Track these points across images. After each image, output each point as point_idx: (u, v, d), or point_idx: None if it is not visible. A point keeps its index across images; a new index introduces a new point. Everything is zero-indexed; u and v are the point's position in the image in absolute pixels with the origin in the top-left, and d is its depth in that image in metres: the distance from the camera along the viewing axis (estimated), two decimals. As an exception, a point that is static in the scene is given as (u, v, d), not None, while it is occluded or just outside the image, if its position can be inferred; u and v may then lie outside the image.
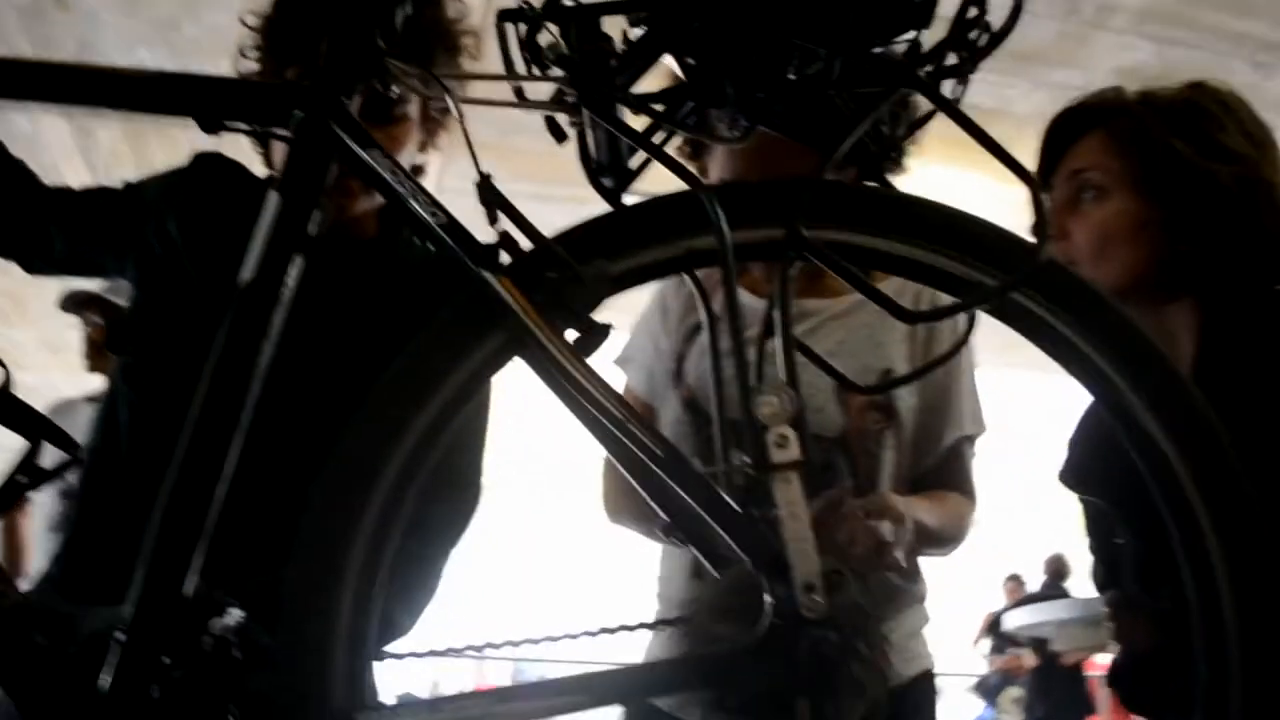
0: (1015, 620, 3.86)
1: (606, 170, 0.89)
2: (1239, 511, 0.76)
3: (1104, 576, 1.31)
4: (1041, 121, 1.32)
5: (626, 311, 1.56)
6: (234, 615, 0.78)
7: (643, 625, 0.81)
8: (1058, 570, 7.84)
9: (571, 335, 0.78)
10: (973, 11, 0.82)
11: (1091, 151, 1.24)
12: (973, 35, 0.83)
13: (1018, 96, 3.81)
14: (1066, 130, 1.27)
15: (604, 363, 1.60)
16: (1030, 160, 1.12)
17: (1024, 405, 6.03)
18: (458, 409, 0.82)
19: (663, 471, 0.72)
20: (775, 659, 0.67)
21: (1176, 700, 1.12)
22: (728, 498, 0.71)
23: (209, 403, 0.78)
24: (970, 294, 0.79)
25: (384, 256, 1.34)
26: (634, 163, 0.90)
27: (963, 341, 0.92)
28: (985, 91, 3.89)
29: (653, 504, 0.84)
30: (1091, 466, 1.28)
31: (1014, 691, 7.98)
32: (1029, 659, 7.35)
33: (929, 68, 0.81)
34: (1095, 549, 1.33)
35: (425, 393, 0.80)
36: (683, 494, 0.71)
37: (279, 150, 0.87)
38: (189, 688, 0.75)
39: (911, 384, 1.42)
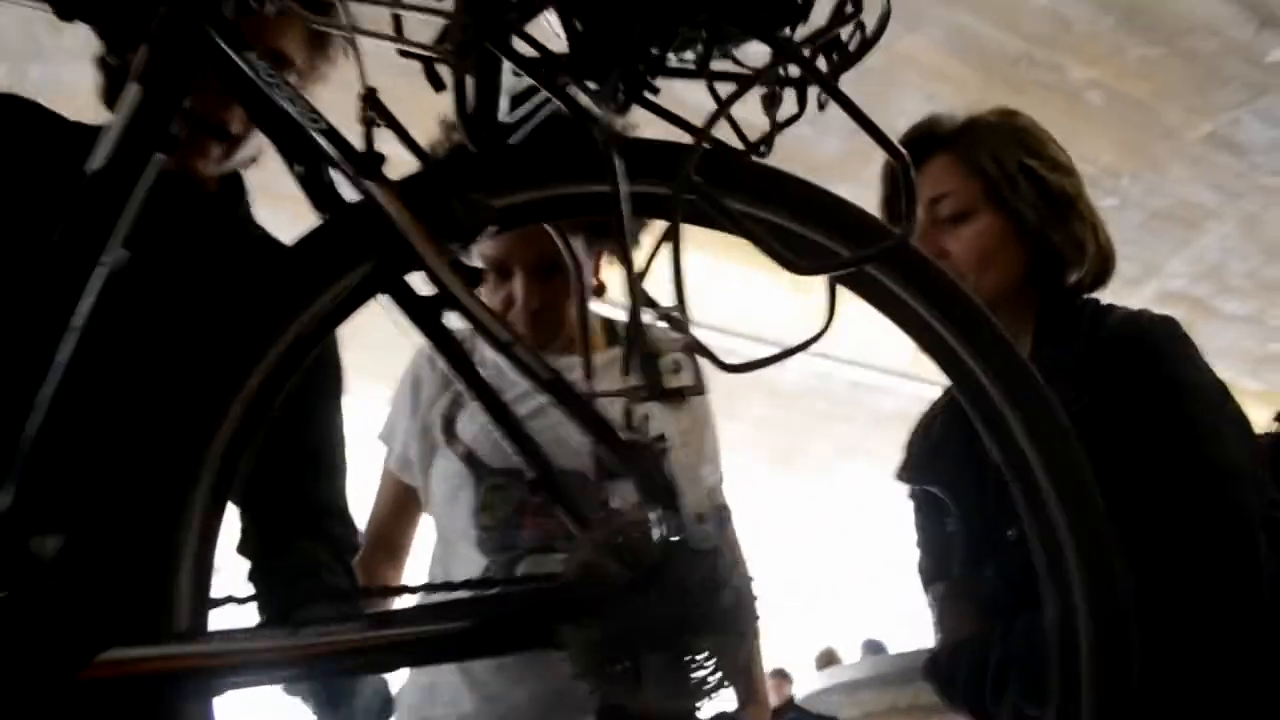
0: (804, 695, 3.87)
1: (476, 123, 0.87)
2: (1081, 490, 0.81)
3: (931, 569, 1.36)
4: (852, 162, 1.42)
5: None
6: (50, 541, 0.68)
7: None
8: (829, 662, 8.04)
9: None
10: (849, 8, 0.88)
11: (943, 176, 1.32)
12: (845, 36, 0.89)
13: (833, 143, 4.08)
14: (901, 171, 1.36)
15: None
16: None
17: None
18: (313, 346, 0.76)
19: (552, 395, 0.69)
20: (667, 587, 0.65)
21: (989, 686, 1.21)
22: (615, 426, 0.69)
23: (44, 287, 0.70)
24: (828, 262, 0.81)
25: (221, 218, 1.25)
26: (510, 117, 0.89)
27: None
28: (805, 131, 4.14)
29: (523, 457, 0.80)
30: (927, 459, 1.36)
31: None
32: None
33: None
34: (924, 542, 1.38)
35: (284, 320, 0.75)
36: (574, 419, 0.69)
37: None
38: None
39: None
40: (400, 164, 0.83)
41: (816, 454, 5.41)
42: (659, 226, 0.80)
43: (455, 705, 1.42)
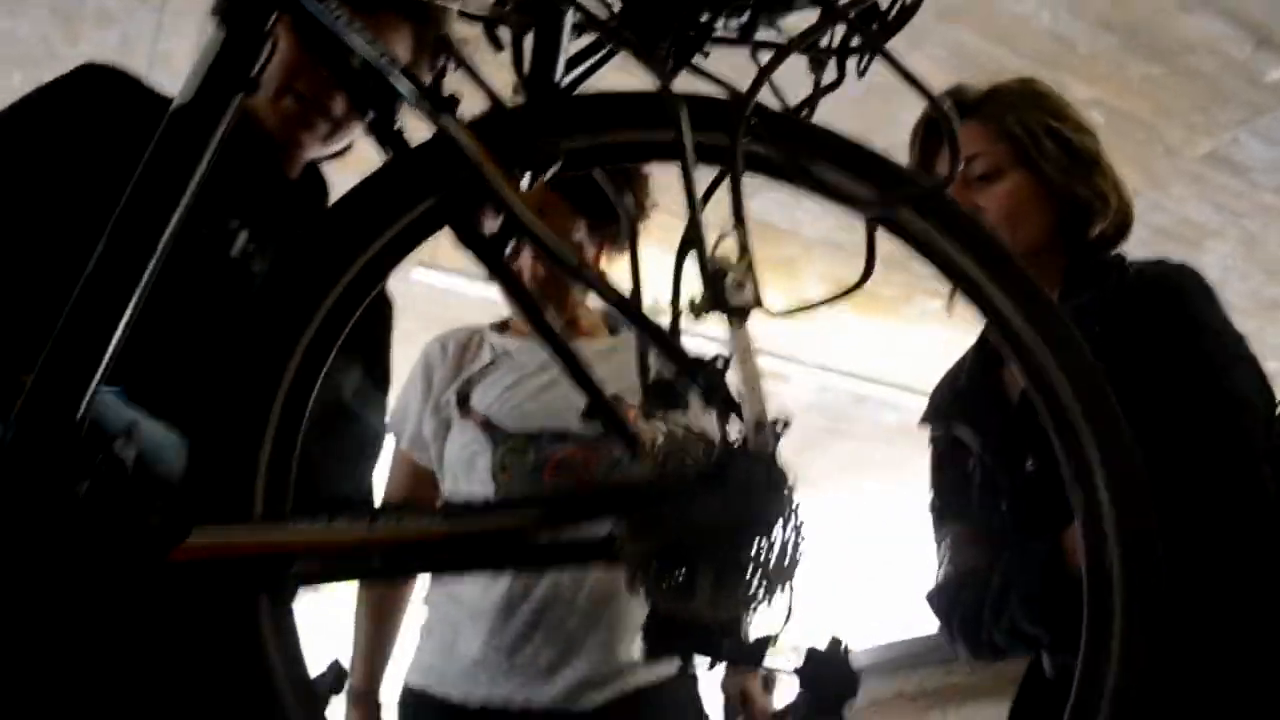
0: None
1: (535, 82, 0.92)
2: (1114, 430, 0.85)
3: (944, 511, 1.44)
4: (826, 245, 1.50)
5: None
6: (130, 444, 0.71)
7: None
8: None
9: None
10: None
11: (972, 139, 1.41)
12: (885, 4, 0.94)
13: (807, 219, 4.13)
14: (930, 142, 1.44)
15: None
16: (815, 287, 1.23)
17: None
18: (383, 274, 0.80)
19: (620, 310, 0.73)
20: (730, 487, 0.68)
21: (989, 607, 1.29)
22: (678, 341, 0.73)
23: (129, 217, 0.74)
24: (868, 205, 0.86)
25: (298, 202, 1.30)
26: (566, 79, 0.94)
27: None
28: (778, 212, 4.21)
29: (575, 383, 0.84)
30: (955, 403, 1.45)
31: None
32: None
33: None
34: (940, 485, 1.46)
35: (357, 246, 0.79)
36: (641, 331, 0.72)
37: None
38: (79, 514, 0.68)
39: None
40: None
41: (819, 468, 5.43)
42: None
43: (469, 653, 1.48)
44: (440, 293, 3.96)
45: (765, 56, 0.96)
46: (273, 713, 0.65)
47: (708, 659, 0.81)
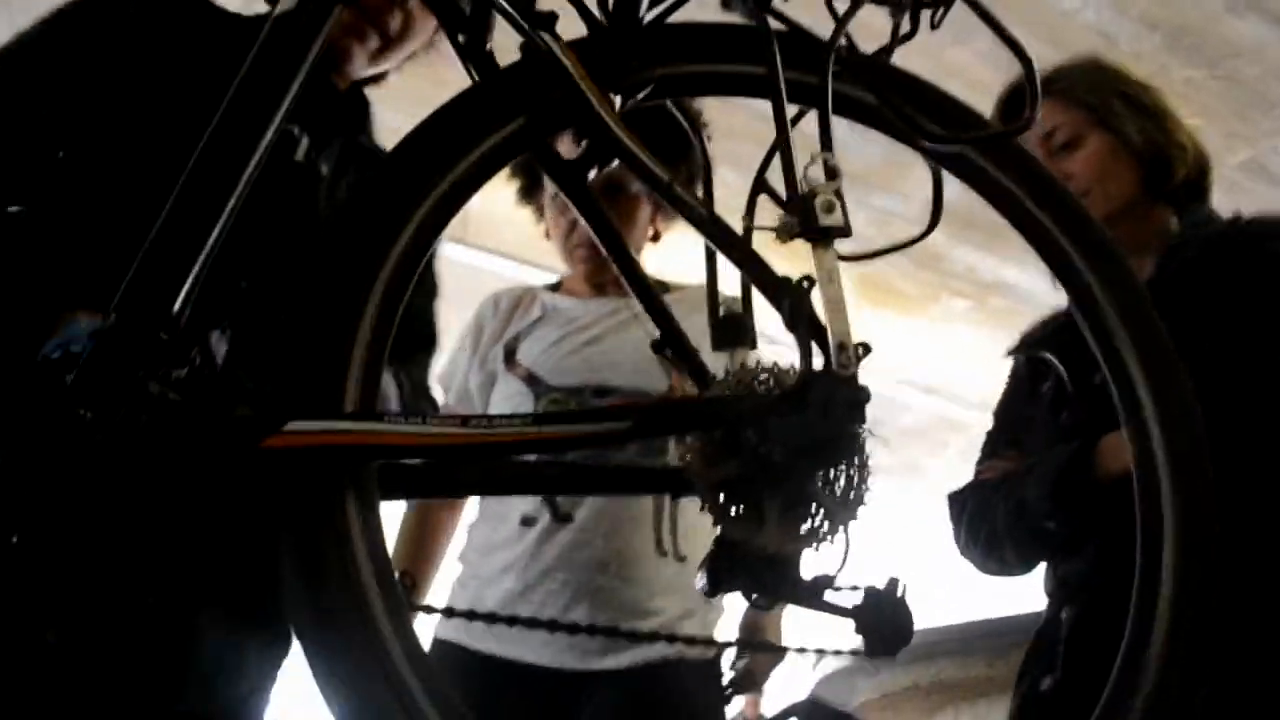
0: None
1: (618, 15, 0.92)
2: (1158, 349, 0.87)
3: (999, 437, 1.57)
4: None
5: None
6: (223, 340, 0.72)
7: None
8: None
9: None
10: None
11: (1050, 114, 1.52)
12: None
13: (839, 214, 4.12)
14: (1015, 102, 1.53)
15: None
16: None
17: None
18: (469, 191, 0.81)
19: (703, 230, 0.74)
20: (813, 407, 0.69)
21: (1004, 500, 1.40)
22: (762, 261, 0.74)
23: (233, 116, 0.75)
24: (940, 144, 0.87)
25: (342, 114, 1.30)
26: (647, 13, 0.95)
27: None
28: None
29: (649, 319, 0.85)
30: (1044, 334, 1.57)
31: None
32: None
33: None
34: (1004, 411, 1.59)
35: (446, 161, 0.80)
36: (720, 252, 0.73)
37: None
38: (174, 400, 0.69)
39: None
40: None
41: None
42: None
43: (501, 585, 1.50)
44: (470, 270, 3.97)
45: (839, 5, 0.98)
46: (359, 608, 0.66)
47: (767, 596, 0.82)
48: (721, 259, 0.88)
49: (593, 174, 0.90)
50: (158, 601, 0.73)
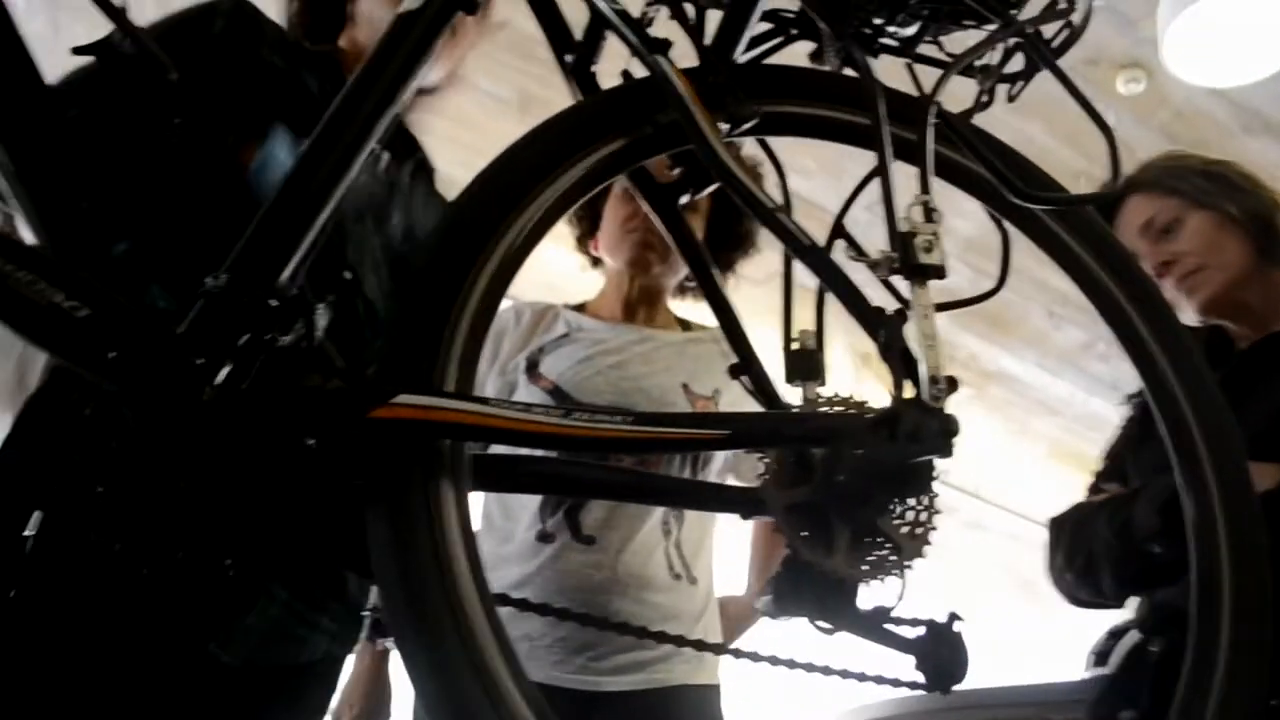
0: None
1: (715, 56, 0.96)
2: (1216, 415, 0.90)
3: (1110, 469, 1.60)
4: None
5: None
6: (326, 313, 0.74)
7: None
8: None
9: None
10: (1063, 4, 0.98)
11: (1144, 205, 1.57)
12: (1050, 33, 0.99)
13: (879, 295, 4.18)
14: (1104, 212, 1.58)
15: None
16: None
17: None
18: (570, 201, 0.84)
19: (806, 261, 0.76)
20: (902, 435, 0.71)
21: (1107, 519, 1.41)
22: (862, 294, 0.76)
23: (351, 103, 0.78)
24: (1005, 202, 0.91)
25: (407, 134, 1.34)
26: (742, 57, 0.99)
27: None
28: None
29: (729, 338, 0.87)
30: None
31: None
32: None
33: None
34: (1117, 444, 1.63)
35: (553, 167, 0.82)
36: (823, 282, 0.76)
37: None
38: (274, 375, 0.70)
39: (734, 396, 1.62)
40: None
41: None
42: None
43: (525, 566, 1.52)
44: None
45: (919, 70, 1.02)
46: (448, 589, 0.67)
47: (828, 623, 0.83)
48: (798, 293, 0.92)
49: (685, 199, 0.94)
50: (237, 561, 0.73)
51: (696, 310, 1.84)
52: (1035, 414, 4.72)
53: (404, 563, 0.67)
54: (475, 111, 3.53)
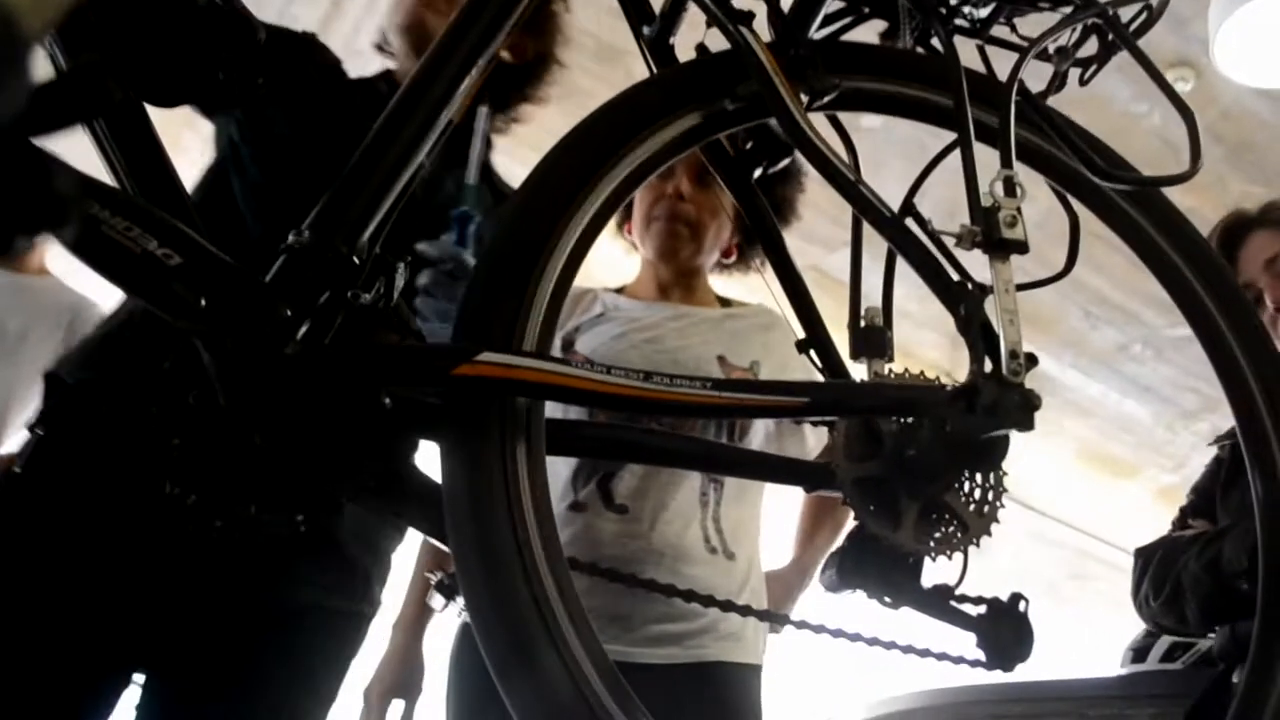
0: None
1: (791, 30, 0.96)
2: None
3: (1197, 506, 1.66)
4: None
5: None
6: (404, 273, 0.75)
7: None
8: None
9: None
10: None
11: (1267, 242, 1.68)
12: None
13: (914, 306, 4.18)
14: (1227, 248, 1.71)
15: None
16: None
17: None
18: (650, 171, 0.84)
19: (888, 232, 0.76)
20: (981, 404, 0.71)
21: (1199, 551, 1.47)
22: (945, 263, 0.76)
23: (423, 82, 0.79)
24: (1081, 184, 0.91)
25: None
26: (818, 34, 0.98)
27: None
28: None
29: (796, 311, 0.87)
30: None
31: None
32: None
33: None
34: (1204, 483, 1.70)
35: (621, 143, 0.82)
36: (903, 256, 0.76)
37: None
38: (358, 330, 0.71)
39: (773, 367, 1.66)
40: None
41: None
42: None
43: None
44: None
45: (991, 52, 1.02)
46: (520, 551, 0.67)
47: (891, 599, 0.83)
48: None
49: (758, 173, 0.94)
50: (309, 517, 0.74)
51: (744, 286, 1.83)
52: (1068, 414, 4.69)
53: (480, 519, 0.67)
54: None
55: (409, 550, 1.65)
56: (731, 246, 1.79)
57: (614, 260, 1.97)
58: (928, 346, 4.05)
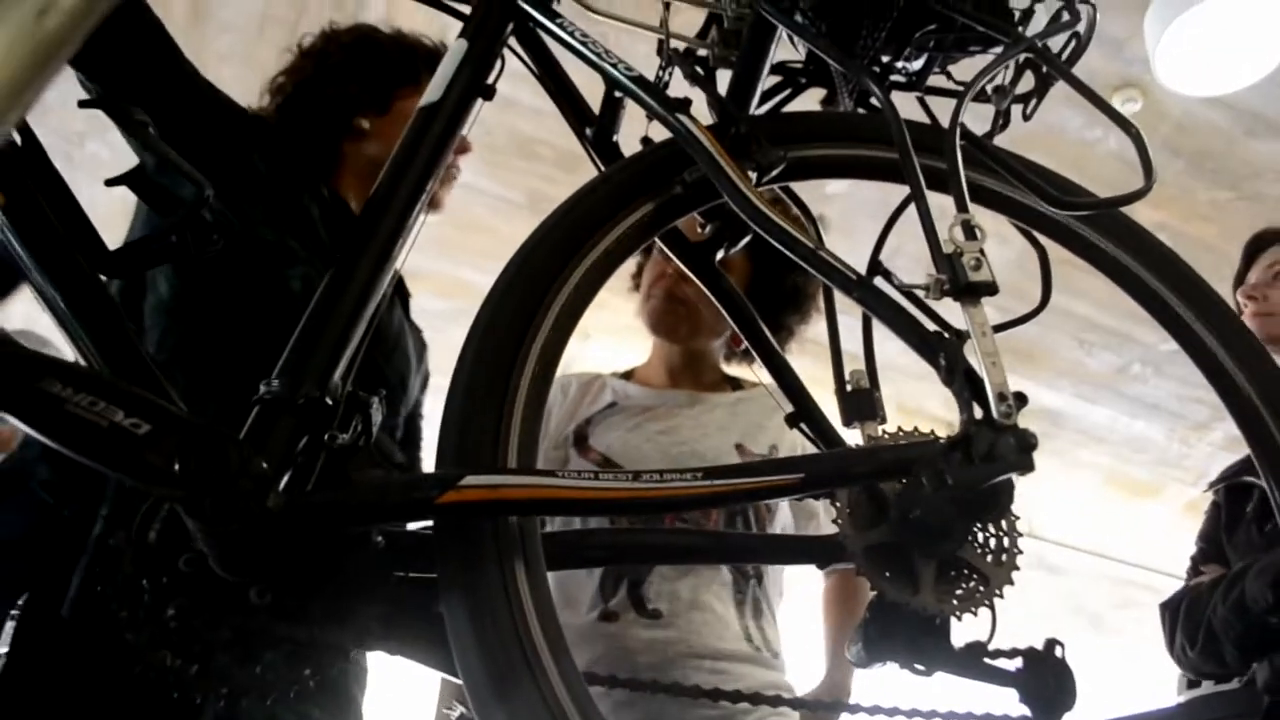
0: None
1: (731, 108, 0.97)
2: None
3: (1206, 553, 1.69)
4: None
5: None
6: (379, 409, 0.74)
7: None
8: None
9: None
10: (1066, 17, 0.99)
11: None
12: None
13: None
14: (1253, 250, 1.85)
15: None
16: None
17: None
18: (611, 268, 0.84)
19: (856, 295, 0.76)
20: (978, 456, 0.69)
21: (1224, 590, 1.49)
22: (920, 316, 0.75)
23: (381, 199, 0.79)
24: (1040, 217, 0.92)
25: None
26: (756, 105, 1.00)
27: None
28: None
29: (783, 389, 0.86)
30: (1240, 465, 1.73)
31: None
32: None
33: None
34: (1208, 531, 1.73)
35: (576, 247, 0.83)
36: (875, 315, 0.75)
37: None
38: (338, 473, 0.70)
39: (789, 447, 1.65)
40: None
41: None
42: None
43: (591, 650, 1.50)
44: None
45: (932, 101, 1.03)
46: (533, 671, 0.65)
47: (923, 665, 0.80)
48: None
49: (720, 254, 0.94)
50: (316, 671, 0.72)
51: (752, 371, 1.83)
52: (1080, 445, 4.65)
53: (486, 646, 0.65)
54: (486, 215, 3.59)
55: (429, 686, 1.61)
56: (735, 342, 1.79)
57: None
58: (927, 397, 4.03)
